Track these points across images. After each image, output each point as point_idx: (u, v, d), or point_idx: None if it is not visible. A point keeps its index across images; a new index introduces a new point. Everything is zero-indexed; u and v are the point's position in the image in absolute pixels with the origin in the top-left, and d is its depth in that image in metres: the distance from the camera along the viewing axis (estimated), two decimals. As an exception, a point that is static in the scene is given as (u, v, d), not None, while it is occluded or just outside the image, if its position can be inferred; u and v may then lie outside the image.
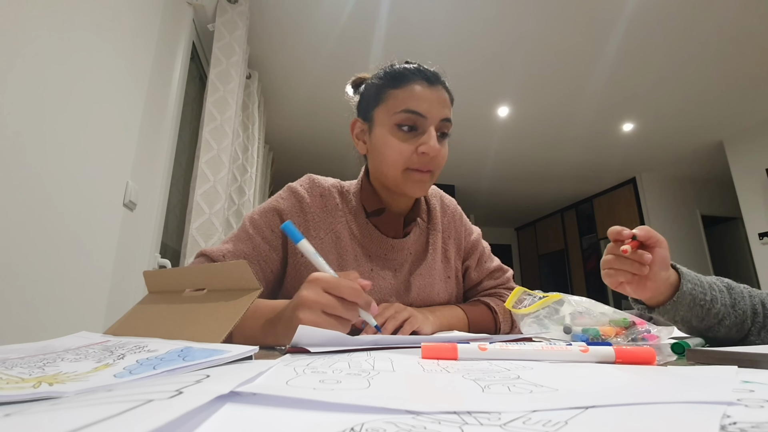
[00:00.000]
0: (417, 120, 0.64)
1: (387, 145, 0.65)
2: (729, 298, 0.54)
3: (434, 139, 0.63)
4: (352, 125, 0.74)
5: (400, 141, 0.64)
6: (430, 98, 0.65)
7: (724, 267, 4.88)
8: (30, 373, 0.24)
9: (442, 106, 0.66)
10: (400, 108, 0.64)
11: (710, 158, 4.23)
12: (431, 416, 0.15)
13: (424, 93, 0.65)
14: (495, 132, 3.71)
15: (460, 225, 0.82)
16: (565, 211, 6.07)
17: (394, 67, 0.69)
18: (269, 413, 0.16)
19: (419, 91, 0.65)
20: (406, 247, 0.74)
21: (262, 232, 0.67)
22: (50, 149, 0.95)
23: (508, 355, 0.31)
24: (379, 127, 0.67)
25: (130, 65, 1.31)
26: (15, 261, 0.85)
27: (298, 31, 2.41)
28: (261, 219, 0.69)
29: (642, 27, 2.39)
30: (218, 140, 1.85)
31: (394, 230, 0.73)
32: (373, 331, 0.51)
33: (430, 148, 0.63)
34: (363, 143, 0.72)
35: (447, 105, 0.67)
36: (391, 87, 0.66)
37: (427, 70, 0.67)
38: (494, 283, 0.83)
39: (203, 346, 0.31)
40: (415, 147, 0.64)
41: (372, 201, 0.72)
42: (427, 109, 0.64)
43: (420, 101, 0.64)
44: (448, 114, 0.67)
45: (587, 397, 0.18)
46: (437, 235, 0.78)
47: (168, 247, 1.87)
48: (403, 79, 0.66)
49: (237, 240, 0.67)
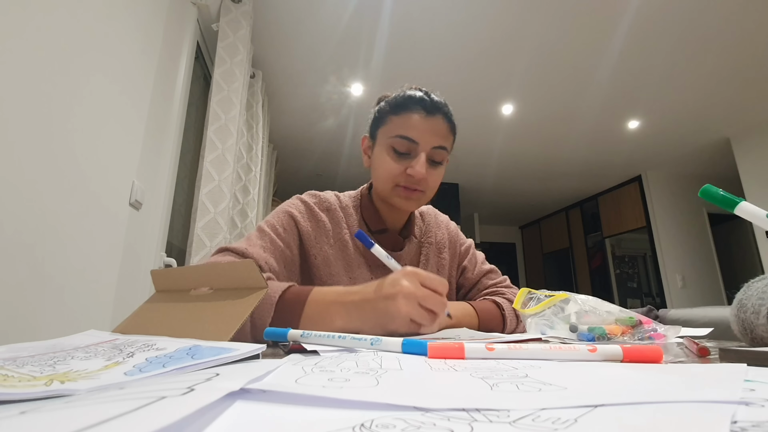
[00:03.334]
0: (409, 145, 0.70)
1: (382, 162, 0.72)
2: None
3: (421, 165, 0.69)
4: (362, 140, 0.81)
5: (393, 161, 0.71)
6: (424, 127, 0.70)
7: (731, 265, 4.84)
8: (41, 371, 0.24)
9: (435, 134, 0.71)
10: (395, 133, 0.71)
11: (717, 156, 4.19)
12: (440, 413, 0.15)
13: (419, 122, 0.70)
14: (499, 130, 3.69)
15: (455, 236, 0.89)
16: (570, 209, 6.04)
17: (399, 94, 0.75)
18: (279, 410, 0.16)
19: (415, 120, 0.70)
20: (401, 259, 0.79)
21: (276, 230, 0.70)
22: (57, 150, 0.95)
23: (515, 355, 0.31)
24: (379, 146, 0.74)
25: (136, 65, 1.31)
26: (23, 260, 0.86)
27: (301, 30, 2.41)
28: (276, 221, 0.72)
29: (647, 23, 2.37)
30: (223, 140, 1.86)
31: (392, 245, 0.79)
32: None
33: (415, 172, 0.69)
34: (368, 157, 0.79)
35: (442, 134, 0.72)
36: (392, 113, 0.73)
37: (428, 101, 0.72)
38: (492, 282, 0.86)
39: (211, 344, 0.31)
40: (404, 168, 0.70)
41: (375, 220, 0.78)
42: (419, 136, 0.70)
43: (413, 129, 0.70)
44: (441, 143, 0.71)
45: (596, 396, 0.18)
46: (430, 248, 0.84)
47: (173, 246, 1.88)
48: (403, 108, 0.72)
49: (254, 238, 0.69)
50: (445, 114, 0.72)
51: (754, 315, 0.42)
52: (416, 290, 0.46)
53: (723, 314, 1.08)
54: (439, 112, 0.72)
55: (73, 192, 1.01)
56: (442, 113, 0.72)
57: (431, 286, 0.48)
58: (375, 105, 0.80)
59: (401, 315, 0.47)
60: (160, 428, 0.12)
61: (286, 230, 0.71)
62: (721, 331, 0.75)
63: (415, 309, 0.46)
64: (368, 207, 0.79)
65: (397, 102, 0.73)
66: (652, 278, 4.75)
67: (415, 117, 0.70)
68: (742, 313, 0.44)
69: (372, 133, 0.77)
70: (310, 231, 0.73)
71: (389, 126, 0.72)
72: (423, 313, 0.47)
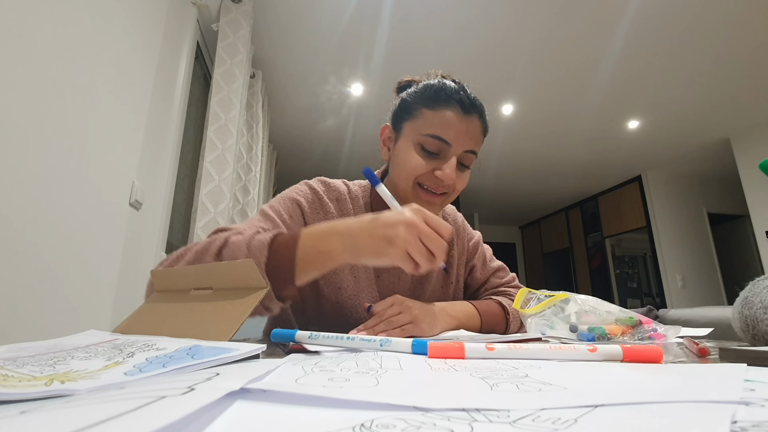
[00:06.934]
0: (441, 146, 0.64)
1: (407, 157, 0.66)
2: None
3: (452, 168, 0.63)
4: (382, 129, 0.74)
5: (421, 158, 0.65)
6: (459, 127, 0.64)
7: (731, 265, 4.84)
8: (41, 371, 0.24)
9: (469, 137, 0.65)
10: (427, 131, 0.64)
11: (717, 155, 4.19)
12: (440, 413, 0.15)
13: (455, 121, 0.64)
14: (499, 130, 3.69)
15: (462, 232, 0.84)
16: (570, 209, 6.03)
17: (432, 85, 0.67)
18: (279, 410, 0.16)
19: (450, 118, 0.64)
20: None
21: (281, 216, 0.65)
22: (57, 149, 0.95)
23: (515, 355, 0.31)
24: (405, 139, 0.67)
25: (136, 66, 1.31)
26: (23, 260, 0.86)
27: (302, 30, 2.41)
28: (280, 206, 0.67)
29: (647, 23, 2.37)
30: (223, 140, 1.86)
31: None
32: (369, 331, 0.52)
33: (445, 176, 0.63)
34: (387, 150, 0.73)
35: (476, 137, 0.66)
36: (424, 106, 0.66)
37: (466, 96, 0.65)
38: (500, 281, 0.84)
39: (211, 344, 0.31)
40: (432, 168, 0.64)
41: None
42: (454, 137, 0.64)
43: (448, 129, 0.64)
44: (474, 147, 0.66)
45: (596, 396, 0.18)
46: None
47: (173, 246, 1.88)
48: (438, 101, 0.65)
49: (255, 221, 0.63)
50: (480, 114, 0.67)
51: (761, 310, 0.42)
52: (420, 224, 0.44)
53: (723, 314, 1.08)
54: (476, 111, 0.66)
55: (73, 192, 1.01)
56: (478, 113, 0.66)
57: (435, 226, 0.45)
58: (398, 91, 0.74)
59: (399, 243, 0.44)
60: (160, 428, 0.12)
61: (292, 218, 0.66)
62: (721, 331, 0.75)
63: (415, 242, 0.44)
64: (378, 198, 0.73)
65: (430, 94, 0.66)
66: (652, 278, 4.75)
67: (449, 115, 0.64)
68: (746, 309, 0.44)
69: (396, 124, 0.70)
70: (315, 222, 0.68)
71: (421, 121, 0.65)
72: (422, 248, 0.44)
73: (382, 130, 0.74)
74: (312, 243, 0.48)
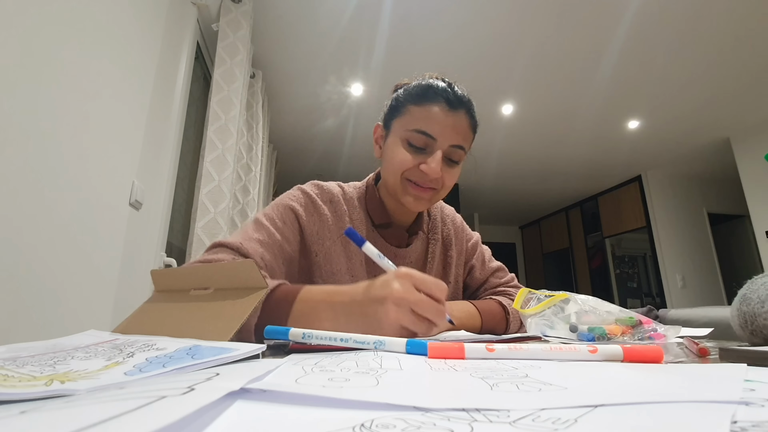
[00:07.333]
0: (427, 141, 0.65)
1: (394, 153, 0.67)
2: None
3: (437, 162, 0.64)
4: (375, 129, 0.76)
5: (406, 152, 0.66)
6: (444, 122, 0.65)
7: (731, 265, 4.84)
8: (41, 371, 0.24)
9: (456, 132, 0.66)
10: (413, 126, 0.66)
11: (717, 155, 4.19)
12: (440, 413, 0.15)
13: (440, 116, 0.65)
14: (499, 130, 3.69)
15: (461, 232, 0.85)
16: (570, 209, 6.04)
17: (420, 83, 0.69)
18: (279, 410, 0.16)
19: (435, 113, 0.65)
20: (407, 256, 0.76)
21: (275, 223, 0.66)
22: (57, 150, 0.95)
23: (515, 355, 0.31)
24: (393, 136, 0.69)
25: (136, 66, 1.31)
26: (23, 260, 0.86)
27: (302, 30, 2.41)
28: (274, 213, 0.68)
29: (647, 23, 2.37)
30: (223, 140, 1.86)
31: (398, 241, 0.75)
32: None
33: (430, 170, 0.64)
34: (379, 148, 0.74)
35: (463, 132, 0.67)
36: (411, 103, 0.67)
37: (452, 92, 0.66)
38: (499, 281, 0.84)
39: (211, 344, 0.31)
40: (418, 162, 0.66)
41: (379, 213, 0.74)
42: (439, 132, 0.65)
43: (433, 124, 0.65)
44: (460, 141, 0.67)
45: (596, 396, 0.18)
46: (437, 244, 0.80)
47: (173, 246, 1.88)
48: (424, 98, 0.66)
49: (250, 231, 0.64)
50: (468, 110, 0.68)
51: (759, 305, 0.42)
52: (408, 295, 0.42)
53: (723, 314, 1.07)
54: (463, 107, 0.67)
55: (73, 192, 1.01)
56: (465, 108, 0.67)
57: (426, 290, 0.43)
58: (392, 92, 0.75)
59: (390, 322, 0.43)
60: (160, 428, 0.12)
61: (286, 224, 0.67)
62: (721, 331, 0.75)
63: (407, 316, 0.42)
64: (373, 199, 0.74)
65: (417, 91, 0.67)
66: (652, 278, 4.75)
67: (435, 110, 0.65)
68: (745, 306, 0.44)
69: (386, 122, 0.72)
70: (312, 226, 0.69)
71: (407, 117, 0.67)
72: (415, 320, 0.42)
73: (374, 130, 0.76)
74: (305, 310, 0.49)
